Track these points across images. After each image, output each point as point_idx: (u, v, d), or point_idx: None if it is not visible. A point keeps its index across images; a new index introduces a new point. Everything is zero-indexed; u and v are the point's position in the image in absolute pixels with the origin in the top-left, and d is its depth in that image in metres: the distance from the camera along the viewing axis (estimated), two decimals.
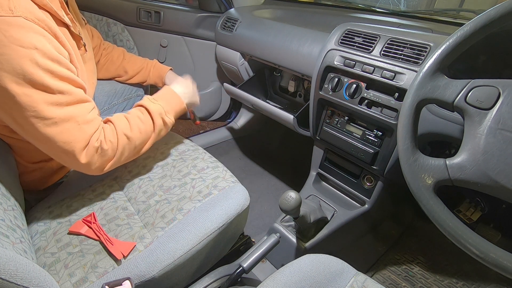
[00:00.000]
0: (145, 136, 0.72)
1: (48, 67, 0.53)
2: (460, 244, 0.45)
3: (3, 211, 0.56)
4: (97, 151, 0.63)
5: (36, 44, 0.51)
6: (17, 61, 0.50)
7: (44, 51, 0.52)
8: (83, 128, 0.60)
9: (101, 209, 0.72)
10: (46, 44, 0.53)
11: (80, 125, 0.60)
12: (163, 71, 1.06)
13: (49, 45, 0.54)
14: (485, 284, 0.96)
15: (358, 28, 0.81)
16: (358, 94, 0.79)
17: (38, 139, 0.58)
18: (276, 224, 0.92)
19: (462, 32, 0.47)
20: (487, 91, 0.44)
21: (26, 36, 0.50)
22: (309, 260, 0.57)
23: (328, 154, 1.00)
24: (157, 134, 0.75)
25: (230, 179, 0.79)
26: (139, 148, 0.72)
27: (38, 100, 0.54)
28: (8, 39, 0.49)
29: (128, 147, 0.69)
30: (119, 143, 0.67)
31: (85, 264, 0.60)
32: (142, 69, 1.06)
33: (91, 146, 0.62)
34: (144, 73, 1.06)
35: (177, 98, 0.80)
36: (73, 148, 0.60)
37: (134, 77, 1.06)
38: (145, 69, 1.06)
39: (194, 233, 0.65)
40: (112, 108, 1.07)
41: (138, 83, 1.09)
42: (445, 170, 0.46)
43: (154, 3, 1.32)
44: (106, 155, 0.65)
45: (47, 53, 0.53)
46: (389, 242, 1.09)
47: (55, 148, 0.59)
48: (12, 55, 0.49)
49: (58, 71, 0.55)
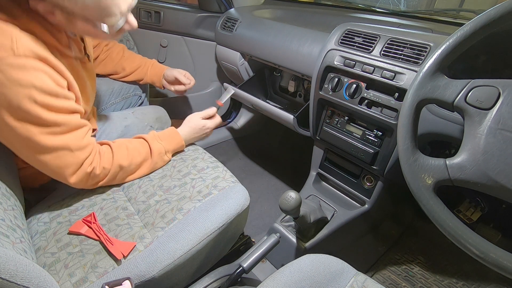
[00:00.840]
0: (139, 168, 0.78)
1: (45, 102, 0.56)
2: (460, 244, 0.45)
3: (3, 211, 0.56)
4: (88, 175, 0.68)
5: (35, 82, 0.54)
6: (16, 100, 0.53)
7: (43, 87, 0.55)
8: (76, 154, 0.64)
9: (101, 209, 0.72)
10: (45, 80, 0.55)
11: (73, 151, 0.63)
12: (161, 70, 1.08)
13: (48, 79, 0.56)
14: (485, 284, 0.95)
15: (358, 28, 0.81)
16: (358, 94, 0.79)
17: (32, 162, 0.63)
18: (276, 224, 0.92)
19: (462, 32, 0.47)
20: (487, 91, 0.44)
21: (25, 76, 0.53)
22: (309, 260, 0.57)
23: (328, 154, 1.00)
24: (151, 169, 0.81)
25: (230, 179, 0.79)
26: (130, 175, 0.78)
27: (35, 132, 0.57)
28: (8, 79, 0.52)
29: (120, 175, 0.75)
30: (112, 171, 0.72)
31: (85, 264, 0.60)
32: (139, 67, 1.07)
33: (83, 170, 0.66)
34: (141, 71, 1.07)
35: (180, 141, 0.85)
36: (64, 172, 0.65)
37: (131, 75, 1.07)
38: (143, 67, 1.07)
39: (194, 233, 0.65)
40: (110, 107, 1.07)
41: (135, 80, 1.09)
42: (445, 170, 0.46)
43: (154, 3, 1.32)
44: (97, 178, 0.70)
45: (45, 89, 0.56)
46: (389, 242, 1.09)
47: (47, 170, 0.64)
48: (11, 94, 0.53)
49: (54, 105, 0.58)
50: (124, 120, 0.99)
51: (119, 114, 1.01)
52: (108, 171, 0.71)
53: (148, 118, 1.04)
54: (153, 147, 0.78)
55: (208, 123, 0.92)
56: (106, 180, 0.73)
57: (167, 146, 0.81)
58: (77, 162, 0.65)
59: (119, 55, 1.05)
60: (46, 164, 0.62)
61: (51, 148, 0.60)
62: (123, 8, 0.59)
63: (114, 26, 0.61)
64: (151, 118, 1.04)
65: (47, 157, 0.61)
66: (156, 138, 0.80)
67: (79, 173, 0.66)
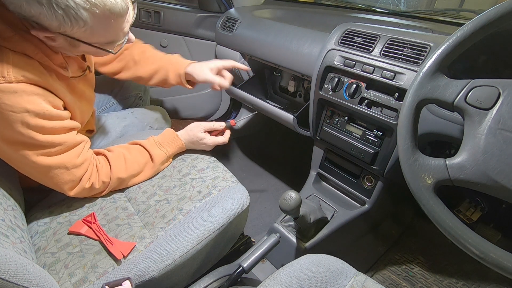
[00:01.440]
0: (139, 174, 0.77)
1: (39, 125, 0.56)
2: (460, 244, 0.45)
3: (3, 211, 0.56)
4: (88, 190, 0.69)
5: (28, 106, 0.53)
6: (9, 125, 0.53)
7: (36, 111, 0.55)
8: (73, 172, 0.64)
9: (101, 209, 0.72)
10: (37, 103, 0.55)
11: (69, 169, 0.64)
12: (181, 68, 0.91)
13: (41, 102, 0.56)
14: (485, 284, 0.95)
15: (358, 28, 0.81)
16: (358, 94, 0.79)
17: (31, 177, 0.64)
18: (276, 224, 0.92)
19: (462, 32, 0.47)
20: (487, 91, 0.44)
21: (17, 101, 0.52)
22: (309, 260, 0.57)
23: (328, 154, 1.00)
24: (152, 174, 0.80)
25: (230, 179, 0.79)
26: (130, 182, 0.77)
27: (29, 154, 0.58)
28: (0, 105, 0.51)
29: (120, 185, 0.75)
30: (111, 183, 0.72)
31: (85, 264, 0.60)
32: (157, 72, 0.92)
33: (81, 186, 0.67)
34: (161, 75, 0.92)
35: (182, 146, 0.84)
36: (62, 188, 0.66)
37: (151, 81, 0.94)
38: (161, 71, 0.92)
39: (194, 233, 0.65)
40: (110, 107, 1.06)
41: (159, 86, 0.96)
42: (445, 170, 0.46)
43: (154, 3, 1.32)
44: (97, 190, 0.71)
45: (38, 112, 0.55)
46: (389, 242, 1.09)
47: (47, 184, 0.65)
48: (4, 119, 0.53)
49: (49, 126, 0.58)
50: (123, 120, 0.98)
51: (118, 114, 1.01)
52: (107, 184, 0.72)
53: (148, 118, 1.03)
54: (154, 154, 0.77)
55: (207, 139, 0.85)
56: (107, 191, 0.74)
57: (169, 151, 0.81)
58: (74, 179, 0.65)
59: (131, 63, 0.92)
60: (44, 181, 0.64)
61: (47, 168, 0.61)
62: (126, 30, 0.59)
63: (118, 48, 0.62)
64: (150, 118, 1.04)
65: (44, 175, 0.62)
66: (157, 145, 0.79)
67: (77, 188, 0.67)
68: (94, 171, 0.69)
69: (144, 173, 0.78)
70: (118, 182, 0.74)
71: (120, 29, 0.57)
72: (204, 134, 0.85)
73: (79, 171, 0.65)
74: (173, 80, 0.91)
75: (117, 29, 0.57)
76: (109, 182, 0.72)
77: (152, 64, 0.91)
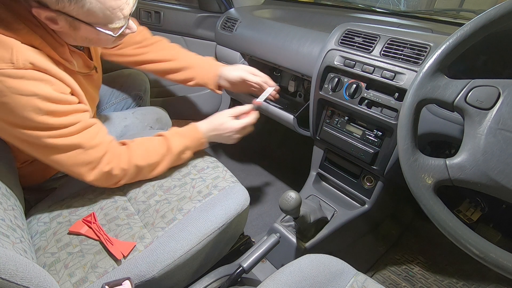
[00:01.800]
0: (158, 166, 0.76)
1: (50, 108, 0.57)
2: (460, 244, 0.45)
3: (3, 210, 0.57)
4: (106, 174, 0.68)
5: (36, 90, 0.55)
6: (20, 109, 0.54)
7: (45, 95, 0.56)
8: (90, 153, 0.64)
9: (101, 209, 0.72)
10: (45, 88, 0.56)
11: (86, 150, 0.64)
12: (212, 73, 0.92)
13: (49, 87, 0.57)
14: (485, 284, 0.95)
15: (358, 28, 0.81)
16: (358, 94, 0.79)
17: (48, 161, 0.63)
18: (276, 224, 0.92)
19: (462, 32, 0.47)
20: (487, 91, 0.44)
21: (26, 85, 0.54)
22: (309, 260, 0.57)
23: (328, 154, 1.00)
24: (169, 166, 0.78)
25: (230, 179, 0.79)
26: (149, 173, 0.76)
27: (44, 136, 0.58)
28: (9, 89, 0.52)
29: (139, 174, 0.74)
30: (130, 171, 0.71)
31: (85, 264, 0.60)
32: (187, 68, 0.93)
33: (100, 169, 0.66)
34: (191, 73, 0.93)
35: (200, 136, 0.80)
36: (80, 170, 0.65)
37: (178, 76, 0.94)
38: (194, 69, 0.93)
39: (194, 233, 0.65)
40: (110, 107, 1.07)
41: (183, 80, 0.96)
42: (445, 170, 0.46)
43: (154, 3, 1.32)
44: (115, 178, 0.70)
45: (48, 96, 0.56)
46: (389, 242, 1.09)
47: (64, 168, 0.65)
48: (14, 104, 0.53)
49: (59, 110, 0.58)
50: (124, 120, 0.99)
51: (119, 114, 1.01)
52: (126, 172, 0.71)
53: (148, 118, 1.04)
54: (172, 144, 0.76)
55: (231, 122, 0.81)
56: (126, 179, 0.72)
57: (186, 142, 0.78)
58: (92, 160, 0.65)
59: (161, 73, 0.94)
60: (61, 163, 0.63)
61: (62, 149, 0.61)
62: (126, 12, 0.59)
63: (118, 30, 0.61)
64: (151, 118, 1.04)
65: (60, 156, 0.62)
66: (176, 135, 0.78)
67: (96, 171, 0.66)
68: (114, 156, 0.68)
69: (162, 164, 0.76)
70: (137, 171, 0.72)
71: (118, 7, 0.57)
72: (226, 118, 0.82)
73: (96, 152, 0.65)
74: (207, 80, 0.92)
75: (115, 6, 0.56)
76: (128, 170, 0.70)
77: (184, 61, 0.93)
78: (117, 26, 0.60)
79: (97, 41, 0.63)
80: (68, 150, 0.62)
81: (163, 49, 0.93)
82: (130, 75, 1.12)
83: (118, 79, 1.09)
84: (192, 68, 0.93)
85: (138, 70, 1.13)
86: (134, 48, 0.91)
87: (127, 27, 0.64)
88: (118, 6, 0.57)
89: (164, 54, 0.93)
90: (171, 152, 0.76)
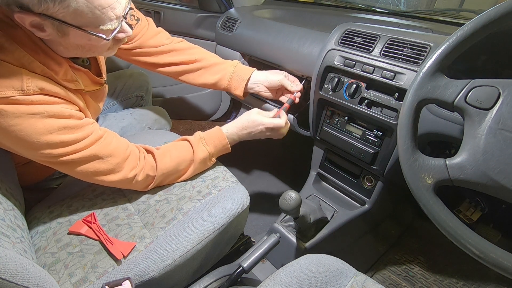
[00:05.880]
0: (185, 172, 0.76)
1: (61, 124, 0.57)
2: (460, 244, 0.45)
3: (3, 211, 0.57)
4: (131, 180, 0.68)
5: (47, 109, 0.55)
6: (32, 131, 0.55)
7: (55, 112, 0.56)
8: (109, 161, 0.64)
9: (101, 209, 0.72)
10: (55, 107, 0.57)
11: (104, 159, 0.64)
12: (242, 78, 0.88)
13: (59, 106, 0.58)
14: (485, 284, 0.95)
15: (358, 28, 0.81)
16: (358, 94, 0.79)
17: (71, 174, 0.64)
18: (276, 224, 0.92)
19: (462, 32, 0.47)
20: (487, 91, 0.44)
21: (36, 108, 0.54)
22: (309, 260, 0.57)
23: (328, 154, 1.00)
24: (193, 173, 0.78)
25: (230, 179, 0.79)
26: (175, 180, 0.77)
27: (60, 154, 0.59)
28: (19, 110, 0.53)
29: (163, 181, 0.75)
30: (156, 178, 0.72)
31: (85, 264, 0.60)
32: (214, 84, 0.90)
33: (124, 175, 0.67)
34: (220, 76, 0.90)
35: (223, 141, 0.78)
36: (102, 178, 0.66)
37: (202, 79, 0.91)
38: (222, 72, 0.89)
39: (194, 233, 0.65)
40: (111, 108, 1.06)
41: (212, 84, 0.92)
42: (445, 170, 0.46)
43: (154, 3, 1.32)
44: (139, 184, 0.71)
45: (58, 113, 0.57)
46: (389, 242, 1.09)
47: (88, 179, 0.66)
48: (25, 124, 0.54)
49: (71, 125, 0.59)
50: (122, 121, 0.98)
51: (116, 115, 1.01)
52: (153, 178, 0.71)
53: (147, 119, 1.03)
54: (197, 151, 0.75)
55: (261, 118, 0.78)
56: (153, 185, 0.73)
57: (211, 149, 0.76)
58: (112, 167, 0.65)
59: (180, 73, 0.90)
60: (83, 175, 0.64)
61: (80, 162, 0.62)
62: (118, 11, 0.54)
63: (110, 33, 0.56)
64: (149, 119, 1.04)
65: (81, 169, 0.63)
66: (201, 141, 0.76)
67: (119, 175, 0.66)
68: (140, 163, 0.68)
69: (189, 172, 0.76)
70: (162, 178, 0.73)
71: (108, 5, 0.52)
72: (257, 115, 0.79)
73: (115, 159, 0.65)
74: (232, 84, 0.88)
75: (105, 5, 0.52)
76: (155, 177, 0.71)
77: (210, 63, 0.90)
78: (110, 28, 0.55)
79: (90, 47, 0.59)
80: (87, 162, 0.62)
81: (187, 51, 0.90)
82: (132, 75, 1.12)
83: (120, 79, 1.09)
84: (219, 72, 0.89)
85: (140, 71, 1.12)
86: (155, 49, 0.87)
87: (121, 30, 0.58)
88: (108, 4, 0.52)
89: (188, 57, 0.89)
90: (196, 161, 0.76)
